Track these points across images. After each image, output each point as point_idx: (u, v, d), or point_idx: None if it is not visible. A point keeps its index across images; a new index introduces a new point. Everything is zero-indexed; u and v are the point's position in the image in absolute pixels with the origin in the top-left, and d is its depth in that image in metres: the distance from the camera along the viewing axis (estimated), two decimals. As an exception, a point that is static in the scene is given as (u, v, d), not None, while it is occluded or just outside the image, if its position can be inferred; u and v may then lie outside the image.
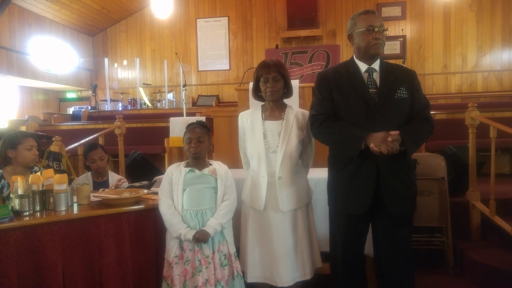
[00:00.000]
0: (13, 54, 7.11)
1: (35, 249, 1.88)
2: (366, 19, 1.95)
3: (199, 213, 2.10)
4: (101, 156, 2.92)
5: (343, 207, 2.02)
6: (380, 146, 1.80)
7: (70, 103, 9.51)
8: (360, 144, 1.85)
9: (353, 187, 1.96)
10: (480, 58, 7.67)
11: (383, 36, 1.96)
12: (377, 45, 1.94)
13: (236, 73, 8.56)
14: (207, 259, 2.08)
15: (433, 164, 3.10)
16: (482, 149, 3.62)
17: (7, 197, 2.33)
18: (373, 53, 1.96)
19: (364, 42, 1.95)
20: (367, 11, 1.99)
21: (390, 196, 1.91)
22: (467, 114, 3.26)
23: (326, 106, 2.00)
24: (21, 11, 7.35)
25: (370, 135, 1.85)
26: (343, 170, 1.99)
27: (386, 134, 1.83)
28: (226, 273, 2.13)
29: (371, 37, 1.93)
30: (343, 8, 8.12)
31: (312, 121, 2.04)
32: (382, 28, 1.94)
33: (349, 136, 1.91)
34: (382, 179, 1.90)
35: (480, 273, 2.80)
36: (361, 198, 1.94)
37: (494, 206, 2.99)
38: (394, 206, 1.92)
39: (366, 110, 1.92)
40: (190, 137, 2.16)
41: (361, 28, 1.95)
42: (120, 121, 4.14)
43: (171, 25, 8.72)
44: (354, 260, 2.08)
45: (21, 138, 2.42)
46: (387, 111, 1.91)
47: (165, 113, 6.78)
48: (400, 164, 1.91)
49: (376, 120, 1.90)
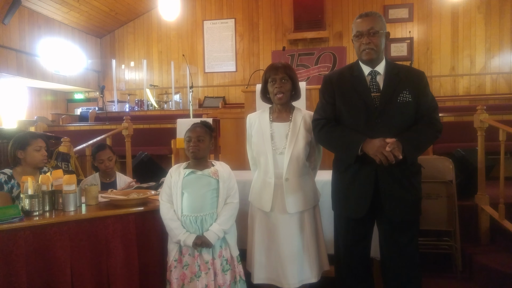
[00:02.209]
0: (23, 55, 7.20)
1: (44, 248, 1.90)
2: (356, 24, 1.95)
3: (198, 219, 2.07)
4: (109, 157, 2.94)
5: (343, 210, 2.02)
6: (375, 155, 1.79)
7: (78, 104, 9.60)
8: (356, 150, 1.84)
9: (352, 190, 1.95)
10: (488, 60, 7.60)
11: (374, 39, 1.89)
12: (366, 51, 1.91)
13: (242, 74, 8.57)
14: (207, 265, 2.05)
15: (441, 167, 3.08)
16: (491, 152, 3.59)
17: (17, 196, 2.36)
18: (364, 59, 1.95)
19: (356, 48, 1.97)
20: (360, 16, 1.96)
21: (389, 201, 1.89)
22: (476, 116, 3.23)
23: (328, 111, 2.00)
24: (31, 13, 7.44)
25: (367, 142, 1.83)
26: (344, 173, 1.98)
27: (382, 142, 1.79)
28: (228, 278, 2.10)
29: (359, 42, 1.93)
30: (350, 10, 8.10)
31: (314, 125, 2.05)
32: (372, 31, 1.89)
33: (346, 141, 1.90)
34: (381, 183, 1.88)
35: (488, 278, 2.77)
36: (360, 202, 1.92)
37: (503, 210, 2.96)
38: (394, 211, 1.89)
39: (366, 115, 1.90)
40: (190, 135, 2.14)
41: (353, 34, 1.95)
42: (128, 122, 4.16)
43: (178, 27, 8.77)
44: (357, 263, 2.06)
45: (30, 139, 2.45)
46: (388, 116, 1.88)
47: (171, 115, 6.81)
48: (400, 168, 1.86)
49: (376, 125, 1.88)
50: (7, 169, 2.44)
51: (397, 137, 1.81)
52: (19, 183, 2.37)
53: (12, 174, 2.42)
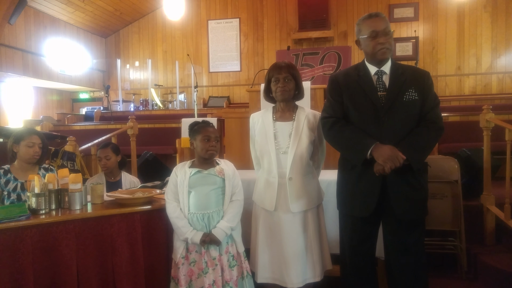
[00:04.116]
0: (28, 55, 7.26)
1: (50, 246, 1.91)
2: (369, 24, 1.93)
3: (205, 217, 2.09)
4: (107, 156, 2.92)
5: (349, 209, 2.02)
6: (385, 163, 1.80)
7: (83, 103, 9.66)
8: (366, 153, 1.85)
9: (359, 189, 1.95)
10: (495, 59, 7.55)
11: (389, 39, 1.92)
12: (383, 51, 1.92)
13: (247, 74, 8.58)
14: (214, 261, 2.07)
15: (446, 166, 3.07)
16: (497, 152, 3.56)
17: (13, 190, 2.43)
18: (379, 59, 1.95)
19: (369, 48, 1.94)
20: (370, 15, 1.96)
21: (398, 200, 1.89)
22: (482, 116, 3.21)
23: (336, 109, 2.01)
24: (37, 13, 7.49)
25: (377, 147, 1.83)
26: (350, 172, 1.98)
27: (394, 151, 1.80)
28: (234, 273, 2.12)
29: (375, 42, 1.92)
30: (355, 9, 8.08)
31: (323, 124, 2.05)
32: (387, 30, 1.91)
33: (356, 143, 1.90)
34: (389, 182, 1.89)
35: (494, 278, 2.75)
36: (366, 201, 1.92)
37: (509, 210, 2.94)
38: (402, 210, 1.90)
39: (373, 113, 1.91)
40: (209, 135, 2.11)
41: (365, 34, 1.93)
42: (133, 121, 4.18)
43: (182, 26, 8.79)
44: (363, 262, 2.06)
45: (25, 134, 2.50)
46: (395, 114, 1.89)
47: (176, 114, 6.83)
48: (408, 167, 1.86)
49: (384, 123, 1.89)
50: (6, 165, 2.51)
51: (400, 141, 1.84)
52: (16, 177, 2.46)
53: (9, 168, 2.48)
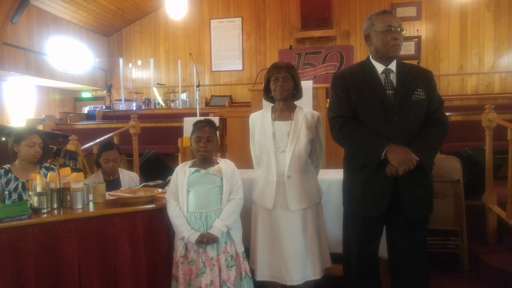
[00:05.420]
0: (31, 54, 7.28)
1: (52, 245, 1.92)
2: (385, 18, 1.93)
3: (203, 216, 2.09)
4: (115, 158, 2.91)
5: (360, 209, 2.01)
6: (399, 165, 1.79)
7: (85, 102, 9.68)
8: (380, 155, 1.84)
9: (371, 189, 1.94)
10: (497, 58, 7.52)
11: (401, 36, 1.93)
12: (396, 46, 1.92)
13: (249, 73, 8.58)
14: (211, 261, 2.07)
15: (448, 166, 3.06)
16: (499, 151, 3.56)
17: (14, 189, 2.43)
18: (391, 55, 1.94)
19: (382, 42, 1.93)
20: (385, 11, 1.96)
21: (409, 199, 1.90)
22: (484, 116, 3.20)
23: (344, 107, 1.98)
24: (39, 12, 7.51)
25: (391, 148, 1.83)
26: (360, 172, 1.97)
27: (408, 154, 1.80)
28: (233, 274, 2.11)
29: (390, 37, 1.91)
30: (357, 8, 8.06)
31: (331, 124, 2.02)
32: (401, 27, 1.92)
33: (370, 144, 1.89)
34: (401, 182, 1.89)
35: (495, 278, 2.75)
36: (379, 201, 1.92)
37: (511, 209, 2.93)
38: (413, 209, 1.91)
39: (383, 112, 1.90)
40: (200, 135, 2.14)
41: (380, 28, 1.92)
42: (135, 120, 4.19)
43: (185, 25, 8.79)
44: (368, 262, 2.07)
45: (26, 134, 2.49)
46: (405, 113, 1.89)
47: (178, 113, 6.84)
48: (418, 166, 1.87)
49: (394, 123, 1.89)
50: (7, 165, 2.50)
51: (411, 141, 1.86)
52: (17, 177, 2.46)
53: (10, 168, 2.48)
